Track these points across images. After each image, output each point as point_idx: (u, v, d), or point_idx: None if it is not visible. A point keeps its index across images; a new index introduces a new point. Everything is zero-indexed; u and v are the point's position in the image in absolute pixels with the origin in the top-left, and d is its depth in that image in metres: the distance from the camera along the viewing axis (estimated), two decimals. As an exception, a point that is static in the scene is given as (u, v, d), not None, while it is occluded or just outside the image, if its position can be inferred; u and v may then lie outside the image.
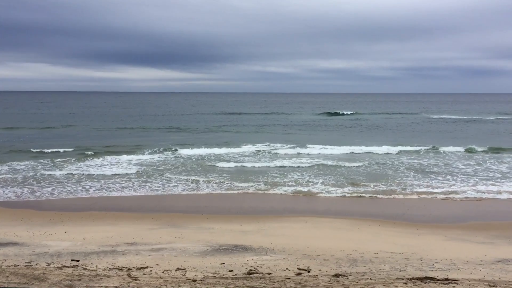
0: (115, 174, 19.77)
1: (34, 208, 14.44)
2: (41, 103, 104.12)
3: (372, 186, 17.72)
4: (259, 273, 7.76)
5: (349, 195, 16.48)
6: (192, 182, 18.40)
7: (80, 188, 17.35)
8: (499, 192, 16.76)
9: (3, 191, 16.64)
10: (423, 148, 27.91)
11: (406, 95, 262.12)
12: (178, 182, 18.47)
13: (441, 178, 19.27)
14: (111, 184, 17.95)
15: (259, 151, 26.93)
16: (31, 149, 26.62)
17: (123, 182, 18.38)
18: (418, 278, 7.39)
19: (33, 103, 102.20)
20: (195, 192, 17.05)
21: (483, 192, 16.78)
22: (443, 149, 27.51)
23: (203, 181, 18.65)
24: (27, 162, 22.29)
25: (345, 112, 69.37)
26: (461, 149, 27.37)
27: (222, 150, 26.70)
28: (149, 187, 17.64)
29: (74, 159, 23.53)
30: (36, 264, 8.23)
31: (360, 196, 16.37)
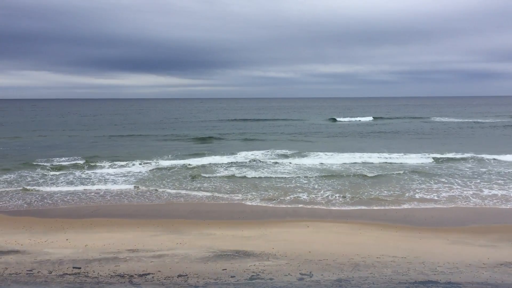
0: (117, 182, 19.81)
1: (35, 216, 14.43)
2: (41, 110, 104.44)
3: (375, 192, 17.70)
4: (261, 278, 7.74)
5: (350, 201, 16.46)
6: (195, 189, 18.42)
7: (81, 195, 17.35)
8: None
9: (5, 199, 16.64)
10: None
11: (407, 99, 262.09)
12: (179, 189, 18.49)
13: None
14: (113, 192, 17.96)
15: (260, 160, 26.79)
16: (33, 158, 26.64)
17: (125, 189, 18.40)
18: (420, 282, 7.37)
19: (34, 111, 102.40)
20: (196, 198, 17.04)
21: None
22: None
23: (207, 187, 18.67)
24: (28, 171, 22.32)
25: (356, 118, 67.19)
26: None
27: (225, 158, 26.64)
28: (149, 194, 17.64)
29: (75, 167, 23.53)
30: (38, 272, 8.22)
31: (362, 202, 16.35)
